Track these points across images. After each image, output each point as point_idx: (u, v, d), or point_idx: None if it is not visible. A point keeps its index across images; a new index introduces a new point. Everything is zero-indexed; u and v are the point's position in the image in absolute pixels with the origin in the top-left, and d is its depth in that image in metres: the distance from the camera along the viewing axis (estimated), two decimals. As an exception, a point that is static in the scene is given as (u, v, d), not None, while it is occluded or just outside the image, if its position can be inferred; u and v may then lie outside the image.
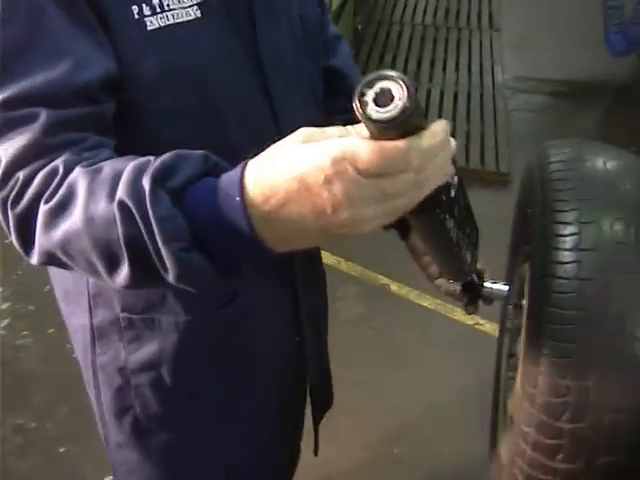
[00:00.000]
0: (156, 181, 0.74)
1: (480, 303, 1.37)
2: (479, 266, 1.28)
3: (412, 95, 0.63)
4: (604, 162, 1.12)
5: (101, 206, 0.77)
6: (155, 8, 0.93)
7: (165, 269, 0.76)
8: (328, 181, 0.66)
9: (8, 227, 0.86)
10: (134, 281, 0.80)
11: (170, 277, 0.76)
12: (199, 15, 0.96)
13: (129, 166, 0.78)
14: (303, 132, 0.70)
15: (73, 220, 0.79)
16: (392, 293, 3.22)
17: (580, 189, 1.06)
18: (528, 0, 5.87)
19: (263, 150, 0.73)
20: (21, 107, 0.84)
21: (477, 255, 1.07)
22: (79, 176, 0.80)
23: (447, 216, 0.81)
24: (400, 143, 0.65)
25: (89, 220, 0.78)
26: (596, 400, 0.96)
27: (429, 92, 4.61)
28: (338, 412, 1.62)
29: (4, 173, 0.84)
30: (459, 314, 2.99)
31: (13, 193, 0.83)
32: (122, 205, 0.75)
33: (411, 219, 0.79)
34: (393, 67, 4.85)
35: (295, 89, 1.14)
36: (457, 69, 4.90)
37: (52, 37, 0.86)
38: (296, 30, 1.13)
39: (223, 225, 0.73)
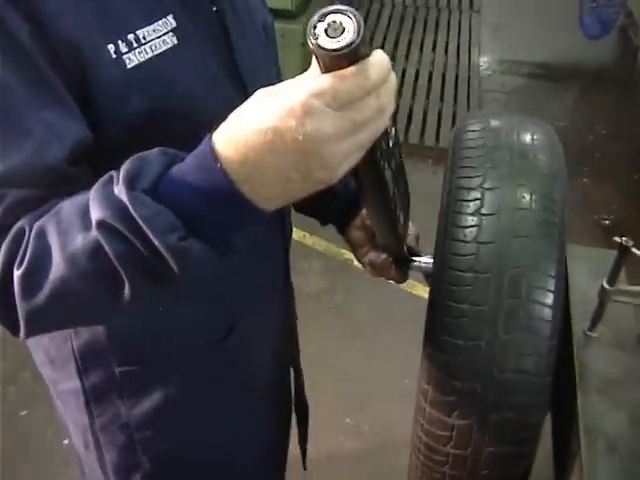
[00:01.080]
0: (129, 187, 0.72)
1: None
2: (409, 240, 1.31)
3: (361, 25, 0.66)
4: (518, 133, 1.15)
5: (78, 241, 0.74)
6: (132, 43, 0.87)
7: (167, 267, 0.74)
8: (300, 123, 0.66)
9: None
10: (140, 295, 0.78)
11: (174, 272, 0.75)
12: (175, 42, 0.92)
13: (91, 192, 0.76)
14: (260, 91, 0.71)
15: (55, 269, 0.76)
16: (355, 268, 3.24)
17: (487, 157, 1.09)
18: (509, -18, 5.86)
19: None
20: None
21: (408, 220, 1.10)
22: (44, 225, 0.77)
23: (386, 165, 0.85)
24: (356, 65, 0.66)
25: (72, 261, 0.75)
26: (487, 359, 1.00)
27: (404, 71, 4.62)
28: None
29: None
30: (419, 289, 3.02)
31: None
32: (103, 225, 0.73)
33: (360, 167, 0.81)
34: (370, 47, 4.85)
35: None
36: (434, 49, 4.91)
37: (12, 115, 0.80)
38: (262, 40, 1.13)
39: (209, 199, 0.72)
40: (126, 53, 0.86)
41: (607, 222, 3.51)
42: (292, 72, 0.86)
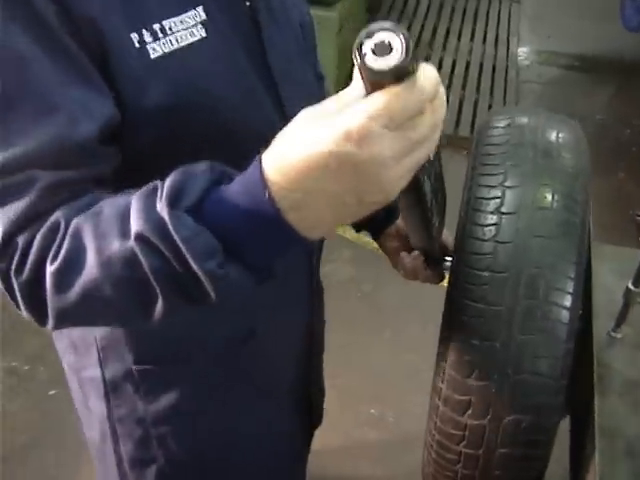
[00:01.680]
0: (171, 204, 0.70)
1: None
2: (444, 239, 1.30)
3: (409, 43, 0.63)
4: (542, 130, 1.13)
5: (115, 247, 0.73)
6: (157, 33, 0.85)
7: (202, 289, 0.73)
8: (359, 148, 0.63)
9: (15, 299, 0.80)
10: (172, 312, 0.77)
11: (209, 296, 0.74)
12: (204, 35, 0.89)
13: (133, 199, 0.74)
14: (306, 113, 0.67)
15: (88, 271, 0.75)
16: (384, 258, 3.24)
17: (510, 154, 1.08)
18: (551, -28, 5.77)
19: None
20: (16, 172, 0.77)
21: (444, 223, 1.10)
22: (81, 224, 0.75)
23: (425, 177, 0.84)
24: (408, 81, 0.63)
25: (106, 265, 0.74)
26: (503, 360, 0.99)
27: (441, 61, 4.58)
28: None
29: (2, 244, 0.78)
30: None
31: (14, 262, 0.77)
32: (141, 238, 0.71)
33: None
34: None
35: (304, 97, 1.06)
36: (472, 39, 4.86)
37: (41, 91, 0.78)
38: (298, 38, 1.09)
39: (253, 226, 0.69)
40: (150, 43, 0.84)
41: (642, 218, 3.45)
42: (326, 62, 0.84)
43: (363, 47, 0.64)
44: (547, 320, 0.99)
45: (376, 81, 0.65)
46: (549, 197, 1.03)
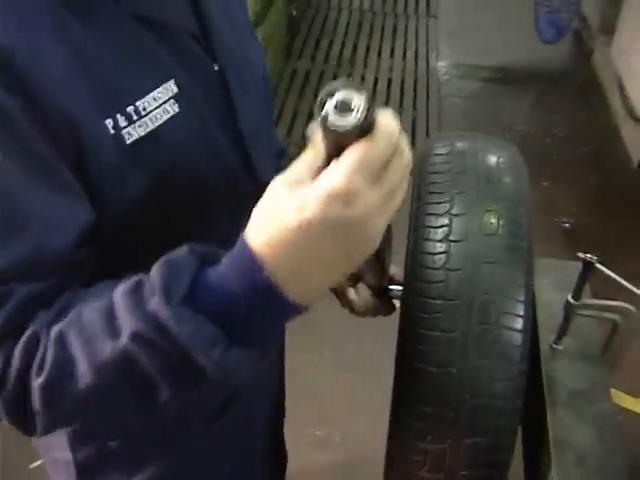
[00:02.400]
0: (164, 299, 0.68)
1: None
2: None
3: (369, 99, 0.64)
4: (483, 156, 1.16)
5: (107, 350, 0.71)
6: (131, 116, 0.82)
7: (209, 377, 0.71)
8: (347, 206, 0.63)
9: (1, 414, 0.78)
10: (179, 400, 0.76)
11: (217, 381, 0.73)
12: (177, 110, 0.87)
13: (117, 298, 0.71)
14: (279, 183, 0.66)
15: (81, 379, 0.72)
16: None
17: (454, 182, 1.10)
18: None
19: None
20: None
21: (391, 252, 1.11)
22: (63, 331, 0.73)
23: None
24: (376, 131, 0.64)
25: (100, 370, 0.71)
26: (459, 385, 1.00)
27: (363, 78, 4.64)
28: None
29: None
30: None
31: None
32: (138, 337, 0.69)
33: None
34: (329, 53, 4.87)
35: (271, 159, 1.11)
36: (392, 55, 4.94)
37: (9, 205, 0.75)
38: (260, 94, 1.08)
39: (252, 305, 0.68)
40: (125, 127, 0.81)
41: (567, 225, 3.56)
42: None
43: (325, 107, 0.65)
44: (500, 344, 1.01)
45: (340, 140, 0.65)
46: (495, 223, 1.05)
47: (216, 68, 0.96)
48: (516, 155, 1.20)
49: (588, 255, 1.42)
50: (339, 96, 0.65)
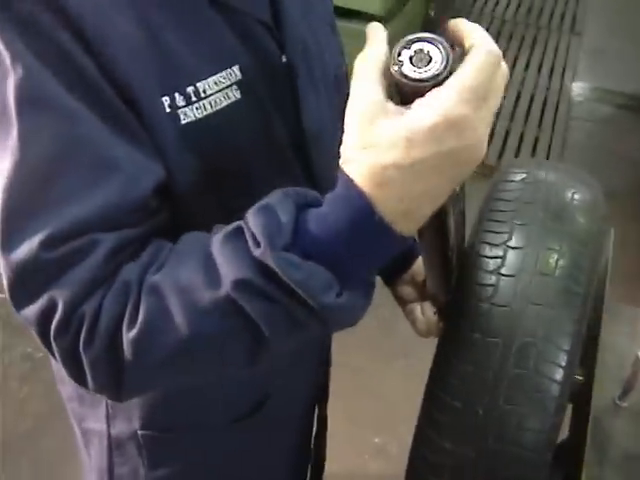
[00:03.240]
0: (270, 247, 0.66)
1: None
2: None
3: (449, 54, 0.64)
4: (557, 189, 1.09)
5: (206, 300, 0.69)
6: (190, 97, 0.79)
7: (319, 322, 0.70)
8: (459, 137, 0.62)
9: (84, 377, 0.74)
10: (281, 350, 0.75)
11: (326, 327, 0.71)
12: (239, 96, 0.84)
13: (215, 246, 0.70)
14: (361, 114, 0.65)
15: (177, 330, 0.70)
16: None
17: (518, 212, 1.04)
18: (616, 7, 5.65)
19: None
20: (76, 238, 0.71)
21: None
22: (157, 281, 0.71)
23: (451, 209, 0.81)
24: (482, 54, 0.65)
25: (199, 320, 0.70)
26: (483, 426, 0.95)
27: (492, 88, 4.52)
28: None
29: (64, 318, 0.71)
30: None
31: (82, 336, 0.71)
32: (243, 285, 0.68)
33: None
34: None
35: (333, 159, 1.05)
36: (527, 69, 4.78)
37: (94, 150, 0.73)
38: (332, 95, 1.03)
39: (362, 247, 0.67)
40: (182, 107, 0.79)
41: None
42: None
43: (400, 56, 0.64)
44: (535, 392, 0.94)
45: (411, 93, 0.64)
46: (553, 262, 0.99)
47: (284, 60, 0.92)
48: (596, 193, 1.12)
49: (666, 311, 1.32)
50: (417, 46, 0.64)
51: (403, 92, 0.65)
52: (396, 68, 0.64)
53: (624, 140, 4.25)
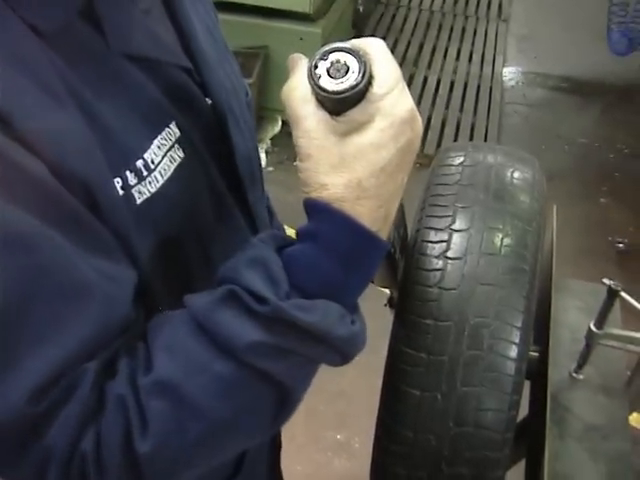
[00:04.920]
0: (280, 298, 0.65)
1: None
2: None
3: (367, 65, 0.65)
4: (497, 170, 1.09)
5: (220, 374, 0.66)
6: (141, 172, 0.73)
7: (341, 356, 0.70)
8: (413, 125, 0.68)
9: None
10: (303, 392, 0.73)
11: (347, 358, 0.71)
12: (182, 155, 0.79)
13: (211, 315, 0.66)
14: (324, 133, 0.67)
15: (198, 422, 0.66)
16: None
17: (459, 195, 1.04)
18: (541, -8, 5.75)
19: None
20: (57, 382, 0.64)
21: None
22: (154, 380, 0.66)
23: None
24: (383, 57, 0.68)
25: (220, 400, 0.67)
26: (443, 411, 0.95)
27: (426, 79, 4.55)
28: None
29: (62, 465, 0.64)
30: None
31: (90, 474, 0.65)
32: (258, 346, 0.65)
33: None
34: (393, 51, 4.79)
35: (262, 194, 1.03)
36: (458, 58, 4.82)
37: (60, 279, 0.65)
38: (249, 125, 0.98)
39: (362, 268, 0.68)
40: (135, 185, 0.73)
41: (621, 245, 3.42)
42: None
43: (317, 68, 0.65)
44: (491, 371, 0.94)
45: (330, 104, 0.66)
46: (498, 242, 0.99)
47: (209, 102, 0.87)
48: (536, 171, 1.12)
49: (613, 282, 1.33)
50: (334, 57, 0.65)
51: (326, 103, 0.66)
52: (313, 82, 0.65)
53: (559, 122, 4.31)
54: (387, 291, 1.29)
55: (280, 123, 3.90)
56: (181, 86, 0.83)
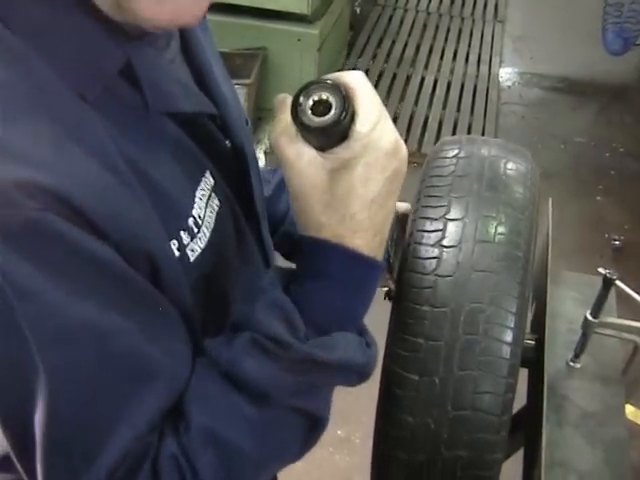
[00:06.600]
0: (301, 340, 0.69)
1: None
2: None
3: (345, 97, 0.68)
4: (490, 161, 1.11)
5: (258, 419, 0.70)
6: (192, 230, 0.74)
7: (361, 378, 0.76)
8: (397, 155, 0.72)
9: None
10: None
11: (365, 379, 0.76)
12: (218, 204, 0.80)
13: (240, 365, 0.69)
14: (317, 172, 0.70)
15: (243, 466, 0.71)
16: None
17: (454, 186, 1.06)
18: (536, -7, 5.78)
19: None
20: (128, 460, 0.66)
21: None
22: (197, 434, 0.68)
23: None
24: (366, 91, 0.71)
25: (261, 443, 0.71)
26: (441, 395, 0.97)
27: (423, 79, 4.58)
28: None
29: None
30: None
31: None
32: (289, 389, 0.70)
33: None
34: (390, 52, 4.83)
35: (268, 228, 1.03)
36: (454, 59, 4.86)
37: (127, 364, 0.66)
38: (256, 160, 0.97)
39: (367, 296, 0.75)
40: (188, 244, 0.73)
41: (617, 243, 3.45)
42: (307, 78, 0.84)
43: (301, 106, 0.68)
44: (487, 356, 0.97)
45: (315, 137, 0.69)
46: (492, 230, 1.01)
47: (229, 144, 0.87)
48: (528, 162, 1.15)
49: (608, 271, 1.36)
50: (315, 95, 0.68)
51: (311, 139, 0.69)
52: (297, 120, 0.68)
53: (555, 121, 4.35)
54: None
55: (279, 124, 3.93)
56: (208, 133, 0.83)
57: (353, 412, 2.63)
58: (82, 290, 0.62)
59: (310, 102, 0.68)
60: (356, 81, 0.71)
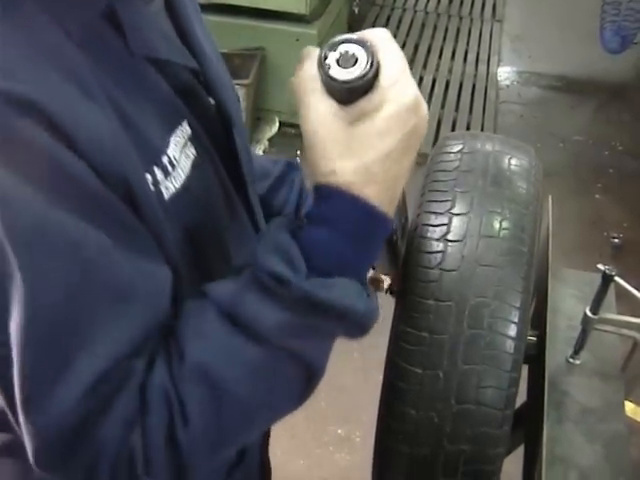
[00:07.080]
0: (301, 278, 0.68)
1: None
2: None
3: (374, 55, 0.68)
4: (494, 157, 1.12)
5: (254, 356, 0.69)
6: (166, 168, 0.76)
7: (360, 329, 0.73)
8: (417, 113, 0.70)
9: None
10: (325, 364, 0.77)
11: (365, 332, 0.74)
12: (195, 152, 0.82)
13: (234, 301, 0.69)
14: (333, 119, 0.69)
15: (236, 404, 0.70)
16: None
17: (459, 181, 1.07)
18: (534, -8, 5.79)
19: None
20: (110, 379, 0.67)
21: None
22: (189, 368, 0.68)
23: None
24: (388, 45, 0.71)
25: (255, 381, 0.71)
26: (445, 389, 0.97)
27: (421, 79, 4.58)
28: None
29: (113, 462, 0.67)
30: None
31: (139, 466, 0.68)
32: (286, 327, 0.69)
33: None
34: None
35: (256, 191, 1.06)
36: (453, 58, 4.86)
37: (106, 280, 0.67)
38: (243, 124, 1.01)
39: (373, 246, 0.73)
40: (162, 181, 0.75)
41: (617, 240, 3.45)
42: None
43: (327, 59, 0.68)
44: (491, 350, 0.97)
45: (339, 94, 0.69)
46: (496, 225, 1.02)
47: (212, 102, 0.90)
48: (532, 158, 1.16)
49: (607, 267, 1.37)
50: (343, 48, 0.68)
51: (335, 93, 0.69)
52: (323, 72, 0.68)
53: (554, 120, 4.35)
54: (387, 281, 1.32)
55: (277, 124, 3.94)
56: (189, 86, 0.86)
57: (353, 411, 2.64)
58: (60, 200, 0.64)
59: (337, 54, 0.68)
60: (381, 38, 0.71)
